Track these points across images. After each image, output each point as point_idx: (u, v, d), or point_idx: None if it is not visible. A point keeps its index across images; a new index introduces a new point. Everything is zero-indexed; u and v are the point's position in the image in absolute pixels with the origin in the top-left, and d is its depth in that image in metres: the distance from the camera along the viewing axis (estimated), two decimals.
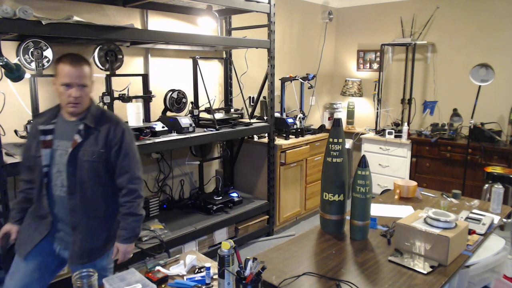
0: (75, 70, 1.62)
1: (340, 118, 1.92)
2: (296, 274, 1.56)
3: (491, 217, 2.11)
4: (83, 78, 1.64)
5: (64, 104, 1.67)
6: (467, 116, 4.13)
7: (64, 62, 1.62)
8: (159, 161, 3.46)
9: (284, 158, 3.74)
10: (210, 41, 3.07)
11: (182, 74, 3.57)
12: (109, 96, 2.63)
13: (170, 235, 2.91)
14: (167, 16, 3.36)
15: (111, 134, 1.72)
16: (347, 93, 5.18)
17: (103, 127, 1.72)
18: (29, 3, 2.48)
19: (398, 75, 4.85)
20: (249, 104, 4.18)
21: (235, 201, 3.54)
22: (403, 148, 4.44)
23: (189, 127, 2.97)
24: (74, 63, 1.62)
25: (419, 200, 2.47)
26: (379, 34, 4.97)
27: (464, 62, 4.37)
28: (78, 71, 1.62)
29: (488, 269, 2.07)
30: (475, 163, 3.95)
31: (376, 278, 1.54)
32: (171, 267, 1.65)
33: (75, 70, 1.62)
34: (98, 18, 2.89)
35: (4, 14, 1.98)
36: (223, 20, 3.84)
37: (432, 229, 1.70)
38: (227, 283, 1.40)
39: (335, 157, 1.88)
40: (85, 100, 1.70)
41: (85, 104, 1.71)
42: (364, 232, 1.89)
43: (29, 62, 2.35)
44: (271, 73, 3.56)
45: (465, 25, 4.35)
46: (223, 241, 1.43)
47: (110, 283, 1.42)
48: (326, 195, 1.92)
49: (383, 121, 4.99)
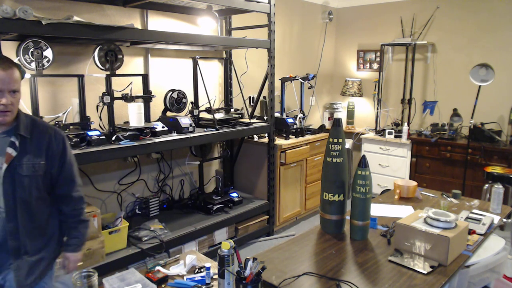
0: (5, 74, 1.41)
1: (340, 118, 1.92)
2: (296, 274, 1.56)
3: (491, 217, 2.11)
4: (14, 82, 1.44)
5: None
6: (467, 116, 4.13)
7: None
8: (159, 161, 3.46)
9: (284, 158, 3.74)
10: (210, 41, 3.07)
11: (182, 74, 3.57)
12: (109, 96, 2.63)
13: (170, 235, 2.91)
14: (167, 16, 3.36)
15: (53, 143, 1.57)
16: (347, 93, 5.18)
17: (41, 137, 1.55)
18: (29, 3, 2.48)
19: (398, 75, 4.85)
20: (249, 104, 4.18)
21: (235, 201, 3.54)
22: (403, 148, 4.44)
23: (189, 127, 2.97)
24: (4, 67, 1.42)
25: (419, 200, 2.47)
26: (379, 34, 4.97)
27: (464, 62, 4.37)
28: (9, 75, 1.42)
29: (488, 269, 2.07)
30: (475, 163, 3.95)
31: (376, 278, 1.54)
32: (171, 267, 1.65)
33: (5, 74, 1.41)
34: (98, 18, 2.89)
35: (4, 14, 1.98)
36: (223, 20, 3.84)
37: (432, 229, 1.70)
38: (227, 283, 1.40)
39: (335, 157, 1.88)
40: (16, 108, 1.49)
41: (15, 112, 1.50)
42: (364, 232, 1.89)
43: (29, 62, 2.35)
44: (271, 73, 3.56)
45: (465, 25, 4.35)
46: (223, 241, 1.43)
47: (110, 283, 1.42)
48: (326, 195, 1.92)
49: (383, 121, 4.99)
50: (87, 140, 2.46)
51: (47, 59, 2.42)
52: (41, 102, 2.57)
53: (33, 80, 2.35)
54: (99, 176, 3.03)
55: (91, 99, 2.78)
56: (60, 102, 2.78)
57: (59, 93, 2.78)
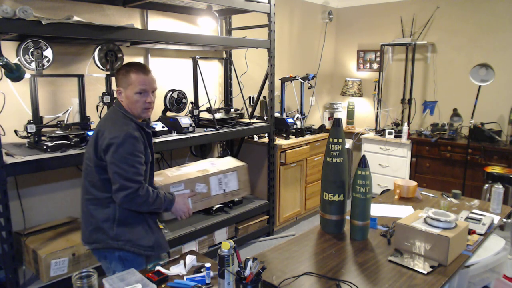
0: (148, 77, 1.78)
1: (340, 118, 1.93)
2: (296, 274, 1.56)
3: (491, 217, 2.11)
4: (154, 83, 1.82)
5: (140, 110, 1.78)
6: (467, 116, 4.13)
7: (136, 71, 1.76)
8: (159, 161, 3.46)
9: (284, 158, 3.74)
10: (210, 41, 3.07)
11: (182, 74, 3.57)
12: (109, 96, 2.63)
13: (170, 235, 2.91)
14: (167, 16, 3.36)
15: (150, 135, 1.95)
16: (347, 93, 5.18)
17: None
18: (29, 3, 2.48)
19: (398, 75, 4.85)
20: (249, 104, 4.18)
21: (235, 201, 3.54)
22: (403, 148, 4.44)
23: (189, 127, 2.97)
24: (146, 71, 1.78)
25: (419, 200, 2.47)
26: (379, 34, 4.97)
27: (464, 62, 4.37)
28: (150, 77, 1.79)
29: (488, 269, 2.07)
30: (475, 163, 3.95)
31: (376, 278, 1.54)
32: (171, 267, 1.65)
33: (148, 77, 1.78)
34: (98, 18, 2.89)
35: (4, 14, 1.97)
36: (223, 20, 3.84)
37: (432, 229, 1.70)
38: (227, 283, 1.40)
39: (335, 157, 1.88)
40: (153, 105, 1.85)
41: None
42: (364, 232, 1.89)
43: (29, 62, 2.35)
44: (271, 73, 3.56)
45: (465, 25, 4.35)
46: (223, 241, 1.43)
47: (110, 283, 1.42)
48: (326, 195, 1.92)
49: (383, 121, 4.99)
50: (87, 140, 2.46)
51: (47, 59, 2.42)
52: (41, 102, 2.57)
53: (33, 80, 2.35)
54: None
55: (91, 99, 2.78)
56: (60, 102, 2.78)
57: (59, 93, 2.78)
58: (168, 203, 1.80)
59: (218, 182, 1.75)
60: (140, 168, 1.70)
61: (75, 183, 2.92)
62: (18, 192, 2.56)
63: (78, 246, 2.42)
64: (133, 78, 1.74)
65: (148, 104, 1.78)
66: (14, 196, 2.52)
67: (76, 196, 2.94)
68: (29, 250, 2.40)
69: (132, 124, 1.75)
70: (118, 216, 1.75)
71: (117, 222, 1.75)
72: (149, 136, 1.82)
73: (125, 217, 1.76)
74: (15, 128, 2.49)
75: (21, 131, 2.47)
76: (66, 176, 2.87)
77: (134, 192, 1.67)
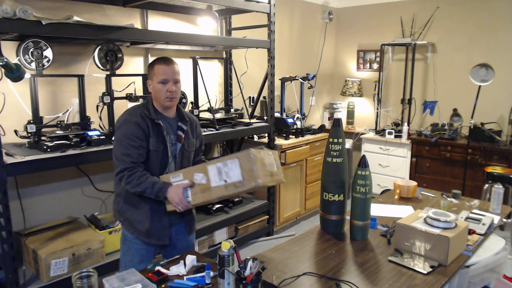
0: (169, 67, 1.86)
1: (340, 118, 1.93)
2: (296, 274, 1.56)
3: (491, 217, 2.11)
4: (176, 74, 1.89)
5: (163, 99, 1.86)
6: (467, 116, 4.13)
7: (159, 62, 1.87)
8: None
9: (284, 158, 3.74)
10: (210, 41, 3.07)
11: (182, 74, 3.54)
12: (109, 96, 2.63)
13: None
14: (167, 16, 3.36)
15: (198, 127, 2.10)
16: (347, 93, 5.18)
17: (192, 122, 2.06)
18: (29, 3, 2.48)
19: (398, 75, 4.85)
20: (249, 104, 4.18)
21: (235, 201, 3.54)
22: (403, 148, 4.44)
23: None
24: (168, 62, 1.88)
25: (419, 200, 2.47)
26: (379, 34, 4.97)
27: (464, 62, 4.37)
28: (172, 68, 1.87)
29: (488, 269, 2.07)
30: (475, 163, 3.95)
31: (376, 278, 1.54)
32: (171, 267, 1.65)
33: (169, 67, 1.87)
34: (98, 18, 2.89)
35: (4, 14, 1.97)
36: (223, 20, 3.84)
37: (432, 229, 1.70)
38: (227, 283, 1.40)
39: (335, 157, 1.88)
40: (178, 95, 1.93)
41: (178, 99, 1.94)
42: (364, 232, 1.89)
43: (29, 62, 2.35)
44: (271, 73, 3.55)
45: (465, 25, 4.35)
46: (223, 241, 1.43)
47: (110, 283, 1.42)
48: (326, 195, 1.92)
49: (383, 121, 4.99)
50: (87, 140, 2.46)
51: (47, 59, 2.42)
52: (41, 102, 2.56)
53: (33, 80, 2.35)
54: (99, 176, 3.03)
55: (91, 99, 2.78)
56: (60, 102, 2.78)
57: (59, 93, 2.78)
58: (158, 190, 1.79)
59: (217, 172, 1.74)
60: (132, 151, 1.78)
61: (75, 183, 2.92)
62: (18, 192, 2.56)
63: (78, 246, 2.42)
64: (156, 69, 1.86)
65: (170, 93, 1.85)
66: (14, 196, 2.52)
67: (76, 196, 2.94)
68: (29, 250, 2.40)
69: (138, 112, 1.85)
70: (125, 194, 1.88)
71: (124, 199, 1.90)
72: (159, 127, 1.86)
73: (130, 197, 1.87)
74: (15, 128, 2.49)
75: (21, 131, 2.47)
76: (66, 176, 2.87)
77: (122, 171, 1.79)
